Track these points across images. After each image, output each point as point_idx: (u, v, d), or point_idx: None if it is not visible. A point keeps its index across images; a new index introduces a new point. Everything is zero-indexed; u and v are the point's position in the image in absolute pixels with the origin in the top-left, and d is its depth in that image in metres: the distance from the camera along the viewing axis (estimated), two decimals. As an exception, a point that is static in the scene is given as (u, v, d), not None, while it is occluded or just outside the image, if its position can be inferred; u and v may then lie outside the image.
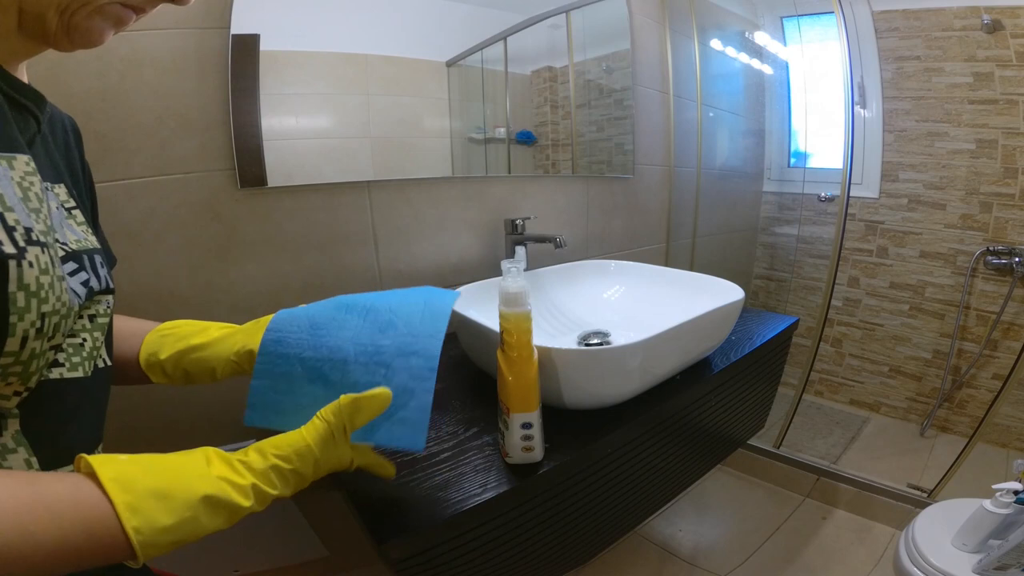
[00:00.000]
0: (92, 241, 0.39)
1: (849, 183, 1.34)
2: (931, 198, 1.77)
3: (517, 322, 0.53)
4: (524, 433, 0.56)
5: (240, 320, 0.81)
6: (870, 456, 1.72)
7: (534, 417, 0.56)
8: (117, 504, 0.27)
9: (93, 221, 0.44)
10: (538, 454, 0.58)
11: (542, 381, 0.69)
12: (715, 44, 1.77)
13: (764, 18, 2.00)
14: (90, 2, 0.30)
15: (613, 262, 1.14)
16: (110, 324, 0.40)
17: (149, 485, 0.29)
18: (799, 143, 2.08)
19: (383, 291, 0.51)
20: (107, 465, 0.29)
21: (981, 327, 1.75)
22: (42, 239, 0.30)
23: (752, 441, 1.59)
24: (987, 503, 0.91)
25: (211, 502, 0.31)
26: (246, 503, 0.33)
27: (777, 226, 2.20)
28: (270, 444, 0.36)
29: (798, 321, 1.06)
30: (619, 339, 0.91)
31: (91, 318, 0.37)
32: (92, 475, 0.28)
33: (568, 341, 0.92)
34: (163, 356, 0.48)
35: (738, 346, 0.91)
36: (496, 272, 1.06)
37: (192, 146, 0.73)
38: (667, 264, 1.67)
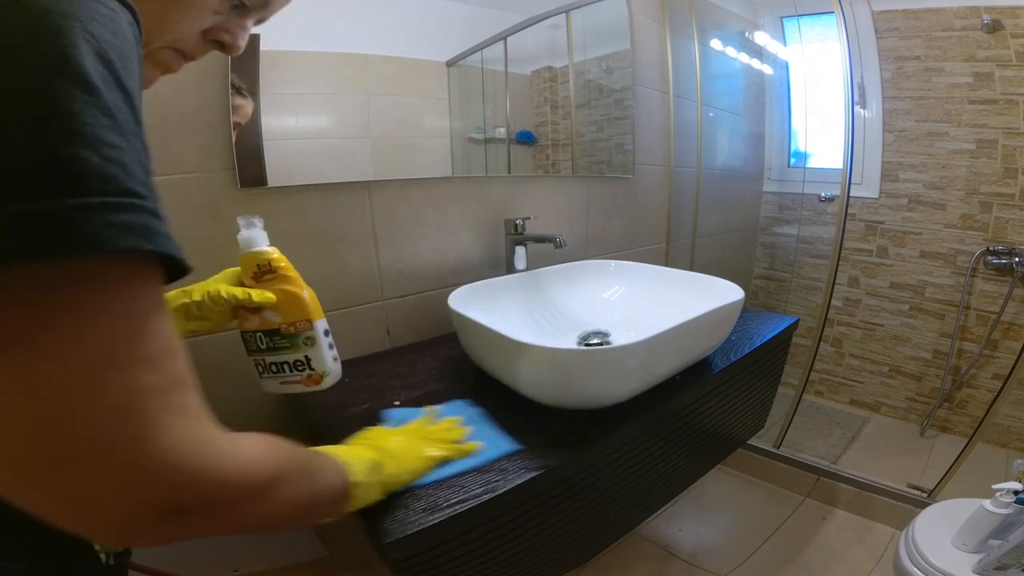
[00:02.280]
0: None
1: (849, 183, 1.34)
2: (931, 198, 1.77)
3: (271, 252, 0.60)
4: (329, 341, 0.59)
5: (240, 320, 0.81)
6: (870, 456, 1.72)
7: (326, 322, 0.60)
8: (349, 476, 0.42)
9: None
10: (340, 364, 0.62)
11: (543, 380, 0.69)
12: (715, 44, 1.77)
13: (764, 18, 2.00)
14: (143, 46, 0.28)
15: (613, 262, 1.14)
16: None
17: (346, 453, 0.45)
18: (799, 143, 2.08)
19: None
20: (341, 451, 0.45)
21: (981, 327, 1.75)
22: None
23: (752, 441, 1.59)
24: (987, 503, 0.91)
25: (370, 466, 0.46)
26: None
27: (777, 226, 2.20)
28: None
29: (798, 321, 1.06)
30: (619, 339, 0.91)
31: None
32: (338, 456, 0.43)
33: (568, 341, 0.92)
34: None
35: (738, 346, 0.91)
36: (496, 272, 1.06)
37: (192, 146, 0.73)
38: (667, 264, 1.67)
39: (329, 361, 0.60)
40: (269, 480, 0.31)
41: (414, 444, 0.54)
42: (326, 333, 0.60)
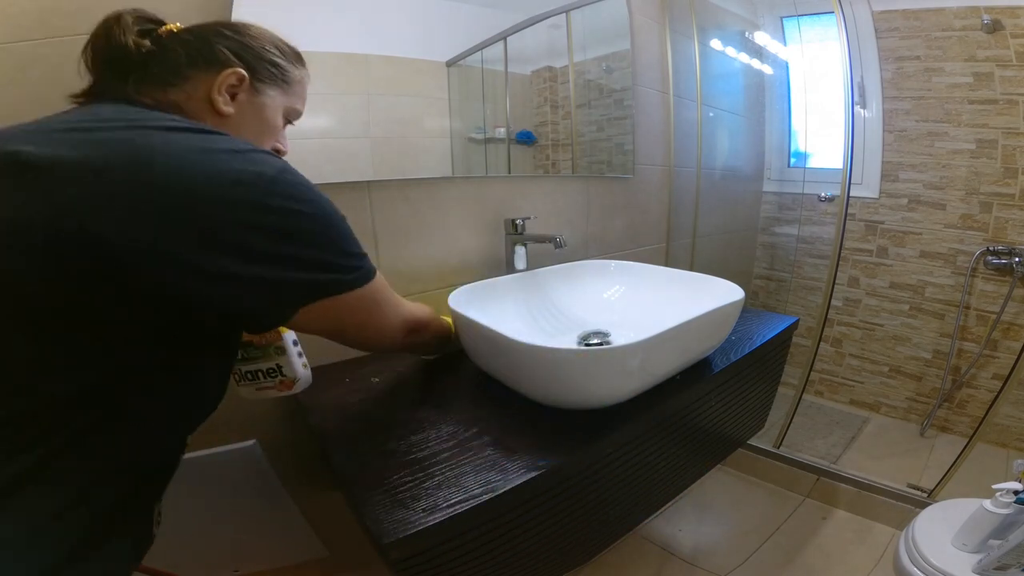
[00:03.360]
0: None
1: (849, 183, 1.34)
2: (931, 198, 1.77)
3: None
4: (298, 349, 0.64)
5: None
6: (870, 456, 1.72)
7: (294, 333, 0.64)
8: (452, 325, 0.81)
9: None
10: (309, 370, 0.66)
11: (543, 380, 0.69)
12: (715, 44, 1.77)
13: (764, 18, 2.00)
14: None
15: (613, 262, 1.14)
16: None
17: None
18: (799, 143, 2.08)
19: None
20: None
21: (981, 327, 1.75)
22: None
23: (752, 441, 1.59)
24: (987, 503, 0.91)
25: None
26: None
27: (777, 226, 2.20)
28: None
29: (798, 321, 1.06)
30: (619, 339, 0.91)
31: None
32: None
33: (568, 341, 0.92)
34: None
35: (738, 346, 0.91)
36: (496, 272, 1.06)
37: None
38: (667, 264, 1.67)
39: (299, 367, 0.65)
40: (430, 318, 0.70)
41: None
42: (295, 343, 0.65)
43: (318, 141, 0.86)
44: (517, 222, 1.07)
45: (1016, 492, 0.89)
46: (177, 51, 0.50)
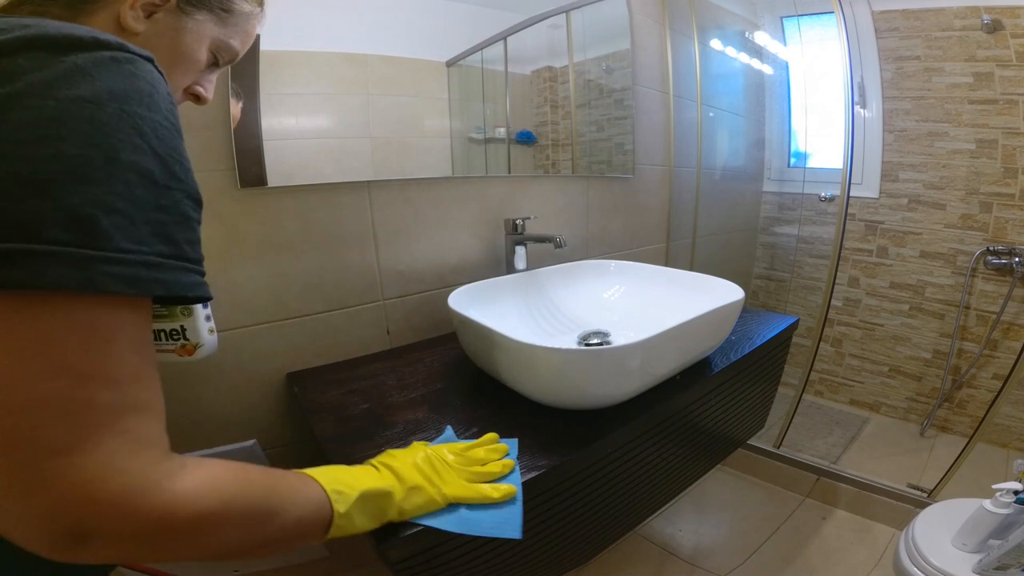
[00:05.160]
0: None
1: (849, 183, 1.34)
2: (931, 198, 1.77)
3: None
4: (207, 313, 0.57)
5: (240, 320, 0.81)
6: (870, 456, 1.72)
7: None
8: (328, 491, 0.41)
9: None
10: (216, 337, 0.58)
11: (543, 380, 0.69)
12: (715, 44, 1.77)
13: (764, 18, 1.99)
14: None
15: (613, 262, 1.14)
16: None
17: (339, 481, 0.43)
18: (799, 143, 2.08)
19: None
20: (319, 472, 0.43)
21: (981, 327, 1.75)
22: None
23: (752, 441, 1.59)
24: (987, 503, 0.91)
25: (366, 495, 0.43)
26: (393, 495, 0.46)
27: (777, 226, 2.20)
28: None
29: (798, 321, 1.06)
30: (619, 339, 0.91)
31: None
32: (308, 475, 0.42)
33: (568, 341, 0.92)
34: None
35: (738, 346, 0.91)
36: (496, 272, 1.06)
37: (192, 146, 0.73)
38: (667, 264, 1.67)
39: (204, 333, 0.59)
40: (200, 517, 0.30)
41: (430, 475, 0.49)
42: (204, 305, 0.58)
43: (318, 141, 0.86)
44: (517, 222, 1.07)
45: (1016, 492, 0.89)
46: None
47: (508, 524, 0.49)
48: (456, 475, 0.51)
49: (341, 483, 0.42)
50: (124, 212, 0.27)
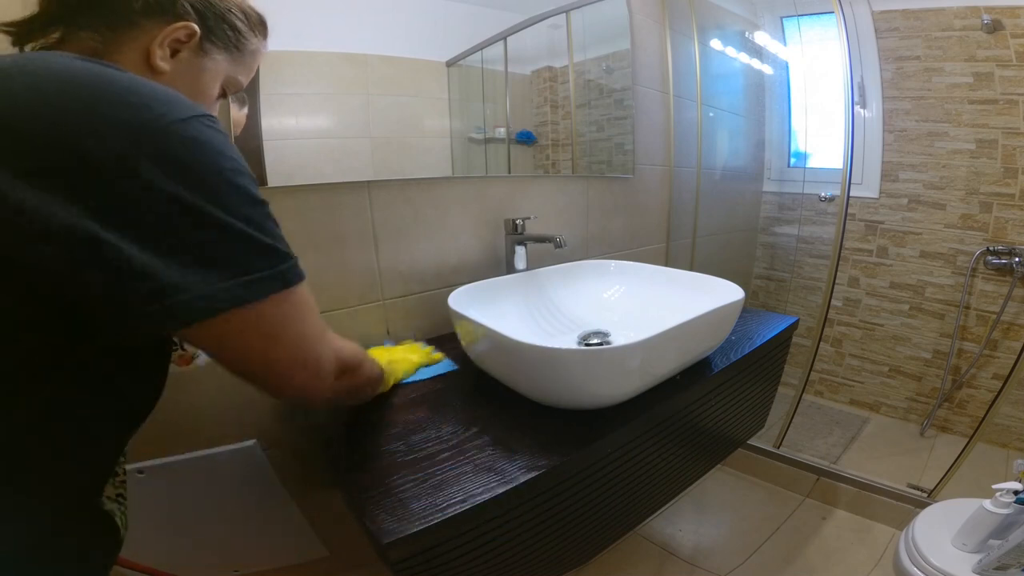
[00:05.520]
0: None
1: (849, 183, 1.34)
2: (931, 198, 1.77)
3: None
4: None
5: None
6: (870, 456, 1.72)
7: None
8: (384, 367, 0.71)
9: None
10: None
11: (543, 380, 0.69)
12: (715, 44, 1.77)
13: (764, 18, 2.00)
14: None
15: (613, 262, 1.14)
16: None
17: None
18: (799, 143, 2.08)
19: None
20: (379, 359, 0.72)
21: (981, 327, 1.75)
22: None
23: (752, 441, 1.59)
24: (987, 503, 0.91)
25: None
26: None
27: (777, 226, 2.20)
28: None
29: (798, 321, 1.06)
30: (619, 339, 0.91)
31: None
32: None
33: (568, 341, 0.92)
34: None
35: (738, 346, 0.91)
36: (496, 272, 1.06)
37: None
38: (667, 264, 1.67)
39: None
40: (362, 358, 0.57)
41: (404, 355, 0.83)
42: None
43: (318, 141, 0.86)
44: (517, 222, 1.07)
45: (1016, 492, 0.89)
46: None
47: (443, 366, 0.87)
48: (416, 355, 0.85)
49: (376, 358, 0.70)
50: (277, 232, 0.40)
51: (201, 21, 0.47)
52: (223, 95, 0.53)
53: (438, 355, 0.88)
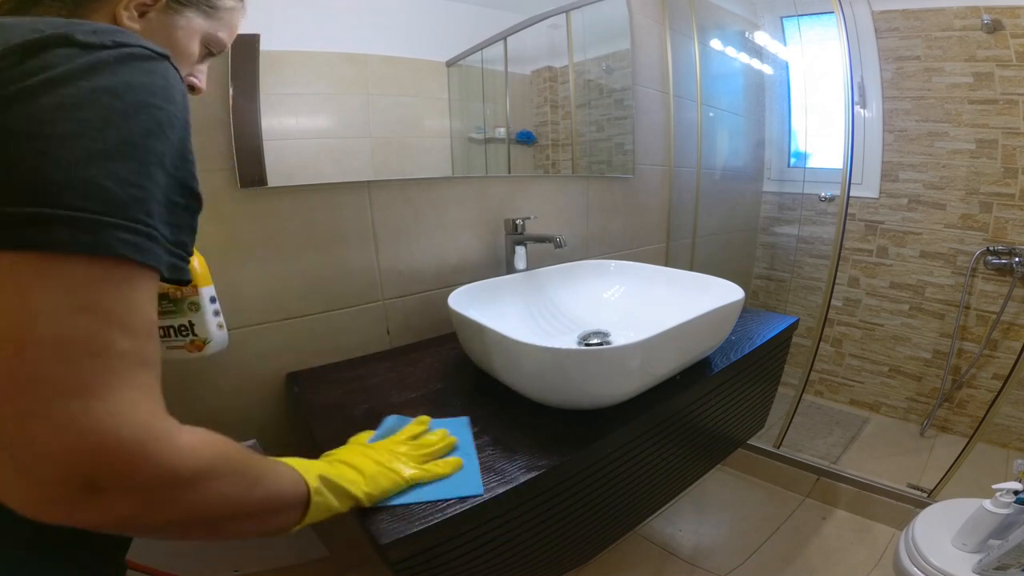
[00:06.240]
0: None
1: (849, 183, 1.34)
2: (931, 198, 1.77)
3: None
4: (215, 308, 0.58)
5: (240, 319, 0.81)
6: (870, 456, 1.72)
7: (213, 289, 0.59)
8: (310, 483, 0.43)
9: None
10: (226, 332, 0.59)
11: (543, 380, 0.69)
12: (715, 44, 1.77)
13: (764, 18, 1.99)
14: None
15: (613, 262, 1.14)
16: None
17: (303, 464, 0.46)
18: (799, 143, 2.08)
19: None
20: (303, 464, 0.46)
21: (981, 327, 1.75)
22: None
23: (752, 441, 1.59)
24: (987, 503, 0.91)
25: (325, 478, 0.46)
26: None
27: (777, 226, 2.20)
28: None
29: (798, 321, 1.06)
30: (619, 339, 0.91)
31: None
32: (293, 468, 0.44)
33: (568, 341, 0.92)
34: None
35: (738, 346, 0.91)
36: (496, 272, 1.06)
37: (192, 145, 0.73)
38: (667, 264, 1.67)
39: (213, 328, 0.60)
40: (199, 471, 0.31)
41: (387, 462, 0.53)
42: (212, 300, 0.60)
43: (318, 141, 0.86)
44: (517, 222, 1.07)
45: (1016, 492, 0.89)
46: None
47: (466, 484, 0.55)
48: (408, 459, 0.55)
49: (305, 465, 0.46)
50: (139, 186, 0.29)
51: None
52: (210, 54, 0.51)
53: (446, 467, 0.56)
